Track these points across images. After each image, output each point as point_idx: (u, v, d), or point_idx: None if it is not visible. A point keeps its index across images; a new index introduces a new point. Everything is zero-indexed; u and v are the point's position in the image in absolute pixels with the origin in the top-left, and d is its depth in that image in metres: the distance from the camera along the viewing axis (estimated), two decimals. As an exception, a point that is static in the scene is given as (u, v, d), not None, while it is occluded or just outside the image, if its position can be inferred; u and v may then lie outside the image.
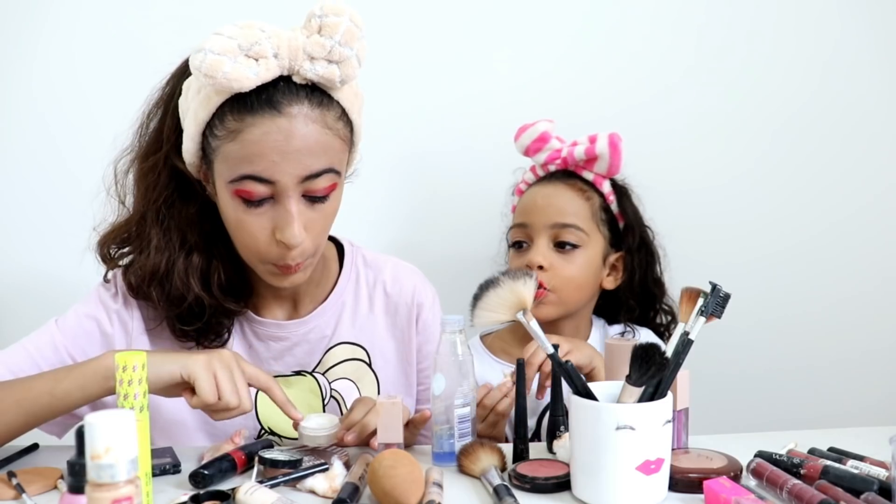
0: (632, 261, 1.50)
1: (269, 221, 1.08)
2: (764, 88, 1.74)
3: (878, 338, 1.75)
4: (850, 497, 0.88)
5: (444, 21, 1.71)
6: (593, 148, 1.46)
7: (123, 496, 0.66)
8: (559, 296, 1.42)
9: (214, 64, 0.99)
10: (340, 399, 1.26)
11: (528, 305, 1.02)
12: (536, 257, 1.42)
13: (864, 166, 1.74)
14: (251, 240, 1.09)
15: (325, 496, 0.98)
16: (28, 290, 1.65)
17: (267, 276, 1.14)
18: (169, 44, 1.15)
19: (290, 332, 1.24)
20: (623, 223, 1.51)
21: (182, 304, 1.15)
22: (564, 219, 1.44)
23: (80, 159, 1.46)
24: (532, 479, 0.98)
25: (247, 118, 1.04)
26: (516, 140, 1.52)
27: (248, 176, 1.05)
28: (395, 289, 1.30)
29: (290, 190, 1.06)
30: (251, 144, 1.04)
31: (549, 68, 1.73)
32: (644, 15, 1.73)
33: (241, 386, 1.04)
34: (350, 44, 1.04)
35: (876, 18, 1.73)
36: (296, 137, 1.04)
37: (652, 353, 0.91)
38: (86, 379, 1.04)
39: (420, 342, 1.30)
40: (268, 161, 1.04)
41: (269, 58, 1.02)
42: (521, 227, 1.47)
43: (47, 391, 1.04)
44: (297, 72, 1.05)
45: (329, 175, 1.09)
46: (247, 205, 1.07)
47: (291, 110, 1.04)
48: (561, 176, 1.49)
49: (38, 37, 1.64)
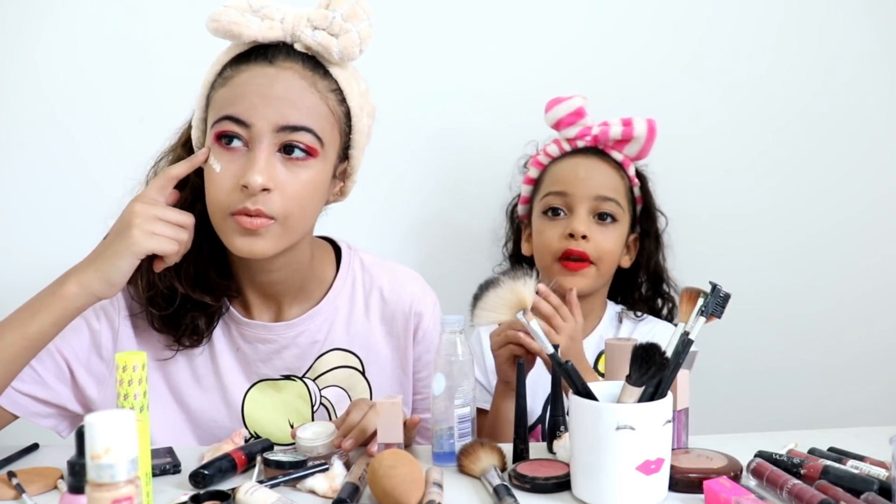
0: (648, 244, 1.55)
1: (238, 169, 1.08)
2: (767, 86, 1.73)
3: (878, 338, 1.74)
4: (850, 497, 0.88)
5: (441, 14, 1.71)
6: (630, 130, 1.49)
7: (123, 496, 0.66)
8: (598, 268, 1.45)
9: (223, 11, 1.08)
10: (330, 407, 1.25)
11: (529, 305, 1.02)
12: (580, 226, 1.43)
13: (866, 165, 1.74)
14: (218, 189, 1.09)
15: (325, 496, 0.98)
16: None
17: (231, 238, 1.10)
18: (185, 50, 1.18)
19: (277, 335, 1.21)
20: (642, 206, 1.55)
21: (156, 289, 1.15)
22: (607, 192, 1.47)
23: (100, 164, 1.50)
24: (532, 479, 0.98)
25: (241, 66, 1.10)
26: (547, 111, 1.53)
27: (227, 116, 1.08)
28: (392, 295, 1.27)
29: (264, 136, 1.07)
30: (237, 87, 1.09)
31: (549, 61, 1.72)
32: (650, 8, 1.73)
33: (171, 216, 1.08)
34: (352, 20, 1.09)
35: (879, 17, 1.73)
36: (279, 85, 1.08)
37: (652, 353, 0.91)
38: (56, 314, 1.06)
39: (420, 352, 1.28)
40: (248, 102, 1.07)
41: (274, 20, 1.09)
42: (559, 195, 1.48)
43: (21, 336, 1.06)
44: (298, 38, 1.10)
45: (308, 135, 1.09)
46: (223, 148, 1.08)
47: (283, 64, 1.09)
48: (594, 152, 1.51)
49: (51, 38, 1.64)
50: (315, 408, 1.24)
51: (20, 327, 1.06)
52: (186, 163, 1.12)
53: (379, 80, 1.22)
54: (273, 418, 1.23)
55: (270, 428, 1.21)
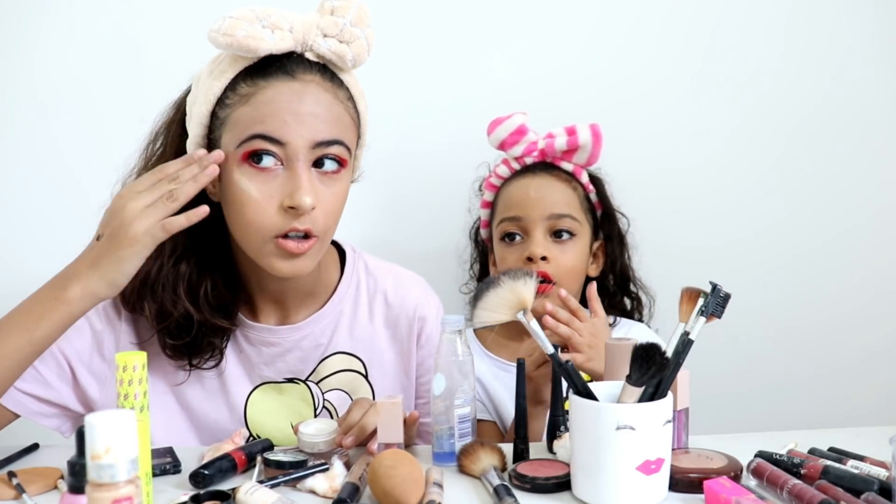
0: (612, 248, 1.54)
1: (277, 190, 1.06)
2: (767, 95, 1.73)
3: (878, 338, 1.75)
4: (850, 497, 0.88)
5: (430, 24, 1.70)
6: (575, 139, 1.47)
7: (123, 496, 0.66)
8: (562, 286, 1.42)
9: (233, 24, 1.02)
10: (333, 410, 1.24)
11: (528, 305, 1.01)
12: (537, 249, 1.42)
13: (866, 171, 1.74)
14: (256, 212, 1.06)
15: (325, 496, 0.98)
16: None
17: (271, 260, 1.08)
18: (180, 55, 1.16)
19: (281, 338, 1.21)
20: (601, 211, 1.54)
21: (170, 318, 1.12)
22: (560, 209, 1.45)
23: (87, 170, 1.46)
24: (532, 479, 0.98)
25: (260, 82, 1.06)
26: (490, 133, 1.50)
27: (258, 135, 1.05)
28: (396, 300, 1.27)
29: (301, 153, 1.05)
30: (263, 105, 1.05)
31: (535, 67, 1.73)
32: (634, 15, 1.73)
33: (160, 189, 1.04)
34: (360, 26, 1.08)
35: (884, 24, 1.73)
36: (308, 101, 1.06)
37: (652, 353, 0.91)
38: (61, 318, 1.04)
39: (423, 356, 1.27)
40: (279, 121, 1.04)
41: (284, 30, 1.05)
42: (513, 220, 1.47)
43: (26, 342, 1.04)
44: (310, 47, 1.08)
45: (340, 147, 1.08)
46: (255, 168, 1.05)
47: (305, 77, 1.07)
48: (543, 167, 1.49)
49: (45, 44, 1.64)
50: (318, 411, 1.24)
51: (24, 332, 1.04)
52: (181, 161, 1.08)
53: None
54: (275, 420, 1.23)
55: (272, 430, 1.21)
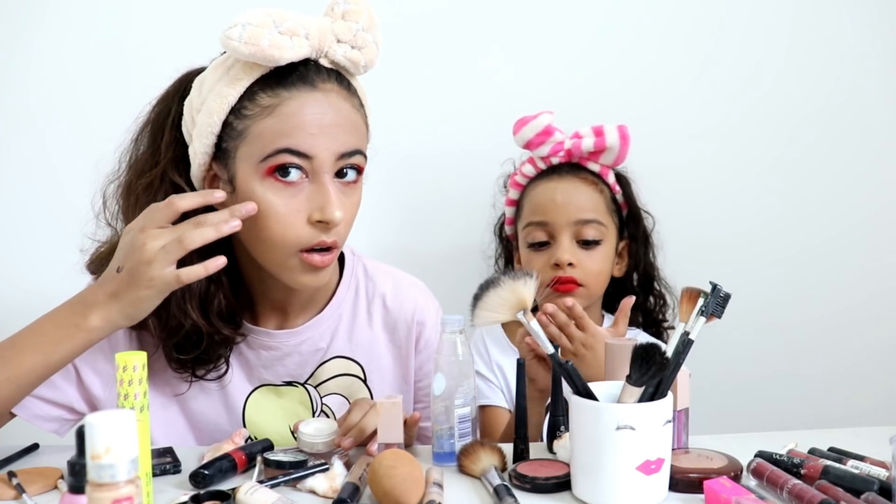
0: (637, 248, 1.54)
1: (303, 203, 1.05)
2: (770, 92, 1.73)
3: (878, 338, 1.75)
4: (850, 497, 0.88)
5: (436, 26, 1.70)
6: (603, 140, 1.47)
7: (124, 496, 0.66)
8: (588, 289, 1.45)
9: (256, 33, 0.99)
10: (331, 414, 1.24)
11: (529, 305, 1.01)
12: (564, 255, 1.43)
13: (869, 169, 1.74)
14: (283, 226, 1.05)
15: (325, 496, 0.98)
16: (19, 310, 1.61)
17: (293, 274, 1.08)
18: (167, 62, 1.14)
19: (280, 342, 1.21)
20: (627, 211, 1.54)
21: (179, 333, 1.11)
22: (586, 215, 1.45)
23: (73, 177, 1.41)
24: (532, 479, 0.98)
25: (282, 93, 1.04)
26: (516, 133, 1.51)
27: (285, 149, 1.03)
28: (395, 304, 1.26)
29: (327, 166, 1.05)
30: (289, 118, 1.03)
31: (544, 68, 1.73)
32: (637, 16, 1.73)
33: (175, 230, 1.01)
34: (371, 31, 1.07)
35: (885, 23, 1.73)
36: (332, 112, 1.05)
37: (652, 353, 0.91)
38: (80, 344, 1.04)
39: (422, 361, 1.27)
40: (306, 134, 1.03)
41: (300, 36, 1.03)
42: (540, 225, 1.47)
43: (41, 364, 1.04)
44: (325, 54, 1.07)
45: (360, 157, 1.09)
46: (281, 182, 1.04)
47: (325, 86, 1.06)
48: (569, 169, 1.49)
49: (38, 50, 1.64)
50: (316, 415, 1.24)
51: (41, 354, 1.04)
52: (198, 196, 1.05)
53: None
54: (274, 423, 1.23)
55: (270, 432, 1.21)
